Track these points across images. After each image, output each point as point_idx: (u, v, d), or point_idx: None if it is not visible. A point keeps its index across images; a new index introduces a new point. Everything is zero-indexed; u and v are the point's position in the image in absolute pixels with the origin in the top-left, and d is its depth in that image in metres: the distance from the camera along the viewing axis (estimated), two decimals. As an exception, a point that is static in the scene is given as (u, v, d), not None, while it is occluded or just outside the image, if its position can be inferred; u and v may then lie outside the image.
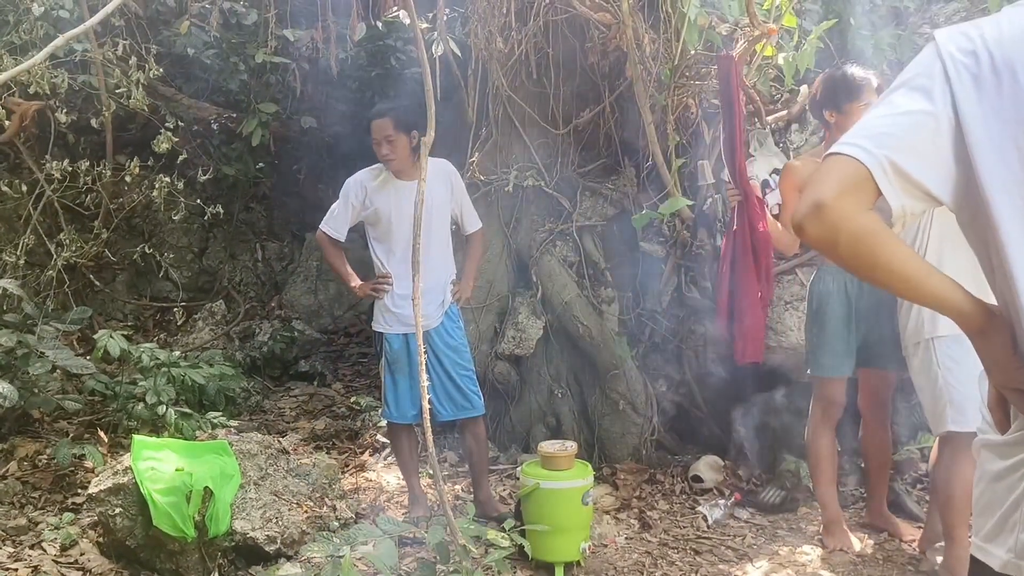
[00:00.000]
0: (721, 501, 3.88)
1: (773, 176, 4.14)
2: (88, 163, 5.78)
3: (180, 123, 6.00)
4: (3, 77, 2.83)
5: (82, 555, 3.33)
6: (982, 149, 1.15)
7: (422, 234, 3.56)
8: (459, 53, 4.99)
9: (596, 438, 4.40)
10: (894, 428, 3.76)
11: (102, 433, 4.23)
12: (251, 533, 3.24)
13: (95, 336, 4.31)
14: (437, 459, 2.94)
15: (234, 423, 4.60)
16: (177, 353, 4.92)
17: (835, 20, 3.83)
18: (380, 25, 5.92)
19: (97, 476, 3.42)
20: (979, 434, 1.31)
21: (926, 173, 1.17)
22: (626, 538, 3.62)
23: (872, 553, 3.35)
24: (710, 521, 3.75)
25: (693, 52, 3.81)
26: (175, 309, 6.26)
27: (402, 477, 3.96)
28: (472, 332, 4.56)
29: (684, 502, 3.99)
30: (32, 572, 3.19)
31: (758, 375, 4.21)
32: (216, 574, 3.21)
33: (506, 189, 4.52)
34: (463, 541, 2.78)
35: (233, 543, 3.25)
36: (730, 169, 3.48)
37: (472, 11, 4.56)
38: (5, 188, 5.73)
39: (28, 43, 5.32)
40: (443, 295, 3.71)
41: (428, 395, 3.50)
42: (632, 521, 3.80)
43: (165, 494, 3.11)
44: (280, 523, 3.33)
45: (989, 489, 1.26)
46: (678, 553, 3.49)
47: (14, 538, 3.45)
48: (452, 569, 2.78)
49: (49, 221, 5.91)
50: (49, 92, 5.44)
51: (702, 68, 4.00)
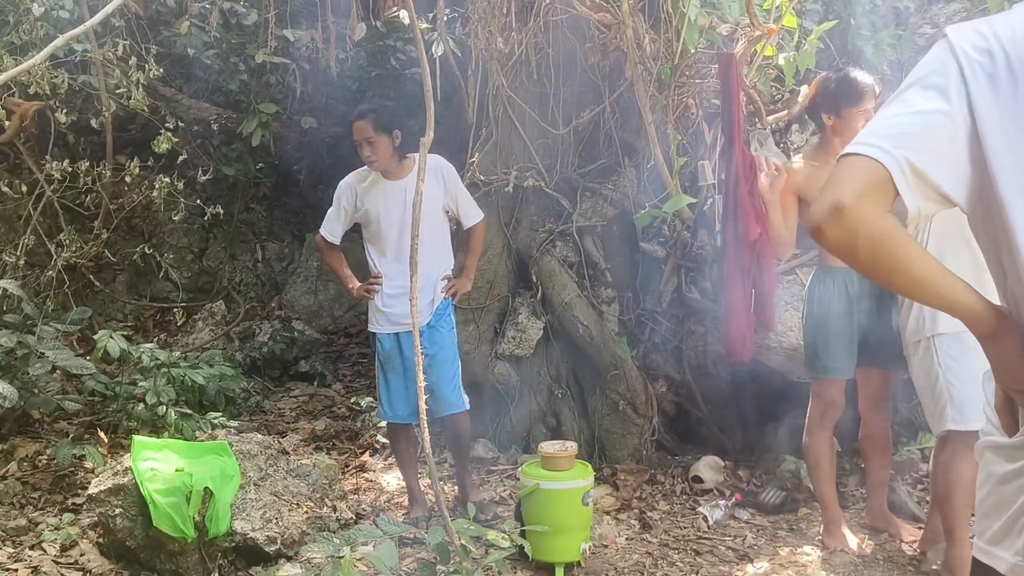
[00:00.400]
0: (721, 502, 3.88)
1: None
2: (88, 163, 5.79)
3: (180, 123, 6.01)
4: (3, 77, 2.84)
5: (82, 555, 3.33)
6: (998, 150, 1.13)
7: (410, 232, 3.56)
8: (459, 53, 4.99)
9: (596, 438, 4.40)
10: (894, 428, 3.76)
11: (102, 433, 4.23)
12: (251, 534, 3.24)
13: (95, 336, 4.32)
14: (435, 459, 2.94)
15: (234, 424, 4.60)
16: (177, 353, 4.93)
17: (836, 21, 3.83)
18: (380, 25, 5.92)
19: (97, 476, 3.42)
20: (982, 435, 1.30)
21: (942, 174, 1.15)
22: (626, 539, 3.62)
23: (872, 554, 3.35)
24: (711, 522, 3.75)
25: (693, 52, 3.81)
26: (175, 309, 6.27)
27: (402, 477, 3.97)
28: (472, 332, 4.56)
29: (684, 503, 3.99)
30: (32, 572, 3.19)
31: (758, 375, 4.20)
32: (216, 574, 3.21)
33: (506, 189, 4.52)
34: (462, 541, 2.78)
35: (233, 543, 3.25)
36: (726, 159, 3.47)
37: (472, 11, 4.56)
38: (5, 188, 5.73)
39: (28, 43, 5.33)
40: (432, 293, 3.67)
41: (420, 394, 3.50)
42: (632, 522, 3.79)
43: (165, 494, 3.11)
44: (280, 523, 3.33)
45: (995, 491, 1.24)
46: (678, 554, 3.48)
47: (14, 538, 3.45)
48: (452, 570, 2.78)
49: (49, 221, 5.92)
50: (49, 92, 5.45)
51: (702, 68, 3.99)
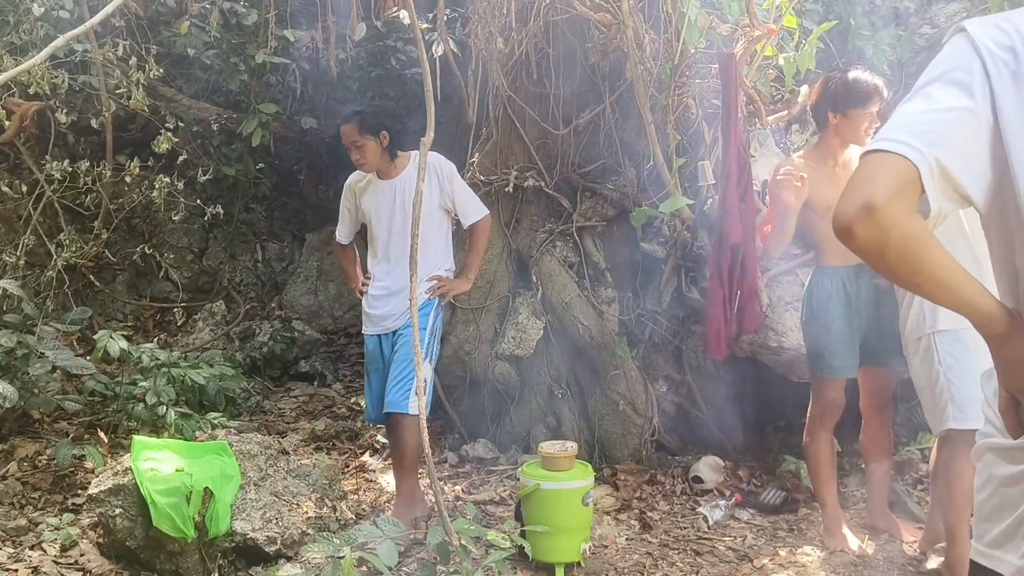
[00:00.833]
0: (722, 502, 3.88)
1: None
2: (88, 163, 5.79)
3: (180, 123, 6.01)
4: (3, 77, 2.84)
5: (82, 556, 3.33)
6: (1019, 149, 1.11)
7: (397, 232, 3.52)
8: (459, 53, 4.99)
9: (596, 439, 4.40)
10: (894, 428, 3.76)
11: (102, 434, 4.23)
12: (251, 534, 3.24)
13: (95, 336, 4.31)
14: (435, 460, 2.94)
15: (234, 424, 4.60)
16: (177, 353, 4.93)
17: (836, 21, 3.82)
18: (380, 25, 5.92)
19: (97, 477, 3.42)
20: (980, 437, 1.29)
21: (966, 175, 1.13)
22: (626, 539, 3.62)
23: (873, 554, 3.34)
24: (711, 522, 3.74)
25: (693, 52, 3.81)
26: (175, 309, 6.26)
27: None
28: (472, 332, 4.57)
29: (685, 503, 3.99)
30: (32, 572, 3.18)
31: (758, 375, 4.20)
32: (216, 575, 3.21)
33: (506, 189, 4.52)
34: (461, 542, 2.77)
35: (233, 544, 3.25)
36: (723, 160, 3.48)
37: (472, 11, 4.55)
38: (5, 188, 5.73)
39: (28, 43, 5.32)
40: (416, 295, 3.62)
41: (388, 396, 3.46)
42: (632, 522, 3.79)
43: (165, 495, 3.11)
44: (280, 524, 3.33)
45: (997, 493, 1.22)
46: (679, 554, 3.48)
47: (14, 539, 3.45)
48: (452, 570, 2.78)
49: (49, 221, 5.92)
50: (49, 92, 5.44)
51: (702, 68, 4.00)
